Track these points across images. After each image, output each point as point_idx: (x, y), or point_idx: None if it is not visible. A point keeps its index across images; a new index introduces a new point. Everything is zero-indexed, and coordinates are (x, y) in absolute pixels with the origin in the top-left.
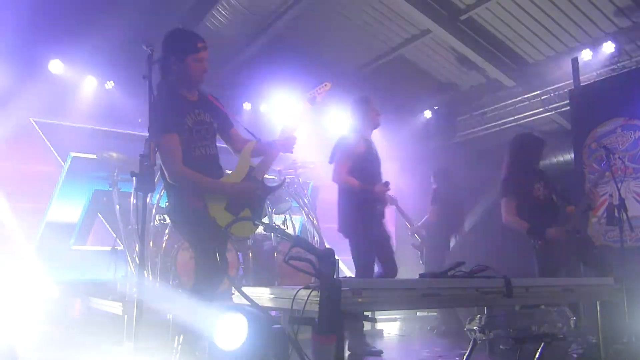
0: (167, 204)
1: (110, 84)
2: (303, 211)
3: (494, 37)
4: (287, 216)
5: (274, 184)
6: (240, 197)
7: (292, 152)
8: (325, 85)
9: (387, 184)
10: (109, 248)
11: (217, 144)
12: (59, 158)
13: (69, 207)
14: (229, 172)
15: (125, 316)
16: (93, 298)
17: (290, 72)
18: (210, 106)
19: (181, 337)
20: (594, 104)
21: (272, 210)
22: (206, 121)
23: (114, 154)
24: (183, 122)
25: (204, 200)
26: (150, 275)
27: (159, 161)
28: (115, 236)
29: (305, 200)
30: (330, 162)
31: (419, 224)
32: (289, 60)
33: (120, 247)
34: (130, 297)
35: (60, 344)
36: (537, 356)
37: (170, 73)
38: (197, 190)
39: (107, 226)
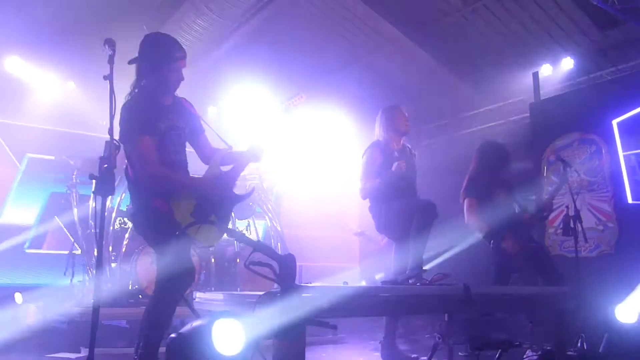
0: (128, 207)
1: (70, 84)
2: (267, 217)
3: (458, 49)
4: (251, 222)
5: (243, 193)
6: (212, 199)
7: (259, 161)
8: (301, 96)
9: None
10: (66, 252)
11: (192, 150)
12: (14, 159)
13: (24, 210)
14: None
15: (83, 322)
16: (49, 303)
17: (258, 77)
18: (183, 111)
19: (140, 343)
20: (553, 117)
21: (235, 215)
22: (178, 126)
23: (72, 161)
24: (157, 125)
25: (170, 204)
26: (109, 280)
27: (120, 164)
28: (72, 240)
29: (270, 206)
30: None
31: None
32: (256, 64)
33: (78, 252)
34: (87, 302)
35: (14, 351)
36: None
37: (145, 78)
38: (176, 188)
39: (65, 230)
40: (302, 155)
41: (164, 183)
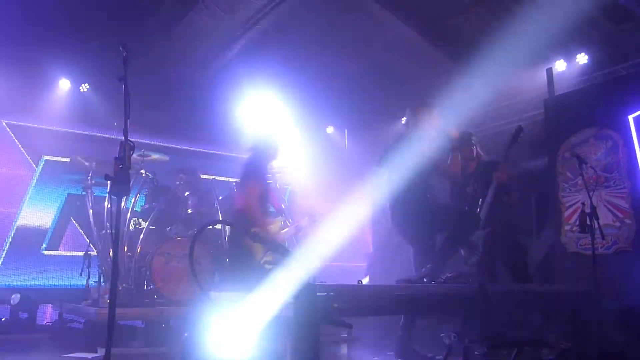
0: (142, 207)
1: (85, 87)
2: (280, 216)
3: (471, 46)
4: None
5: None
6: None
7: None
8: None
9: None
10: (81, 253)
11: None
12: (31, 161)
13: (40, 212)
14: None
15: (99, 322)
16: (65, 304)
17: (269, 76)
18: None
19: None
20: (568, 113)
21: None
22: None
23: (87, 162)
24: None
25: None
26: (125, 281)
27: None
28: (88, 241)
29: (282, 205)
30: None
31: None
32: (268, 64)
33: (94, 252)
34: (103, 302)
35: (31, 351)
36: None
37: None
38: None
39: (81, 231)
40: (314, 153)
41: None
